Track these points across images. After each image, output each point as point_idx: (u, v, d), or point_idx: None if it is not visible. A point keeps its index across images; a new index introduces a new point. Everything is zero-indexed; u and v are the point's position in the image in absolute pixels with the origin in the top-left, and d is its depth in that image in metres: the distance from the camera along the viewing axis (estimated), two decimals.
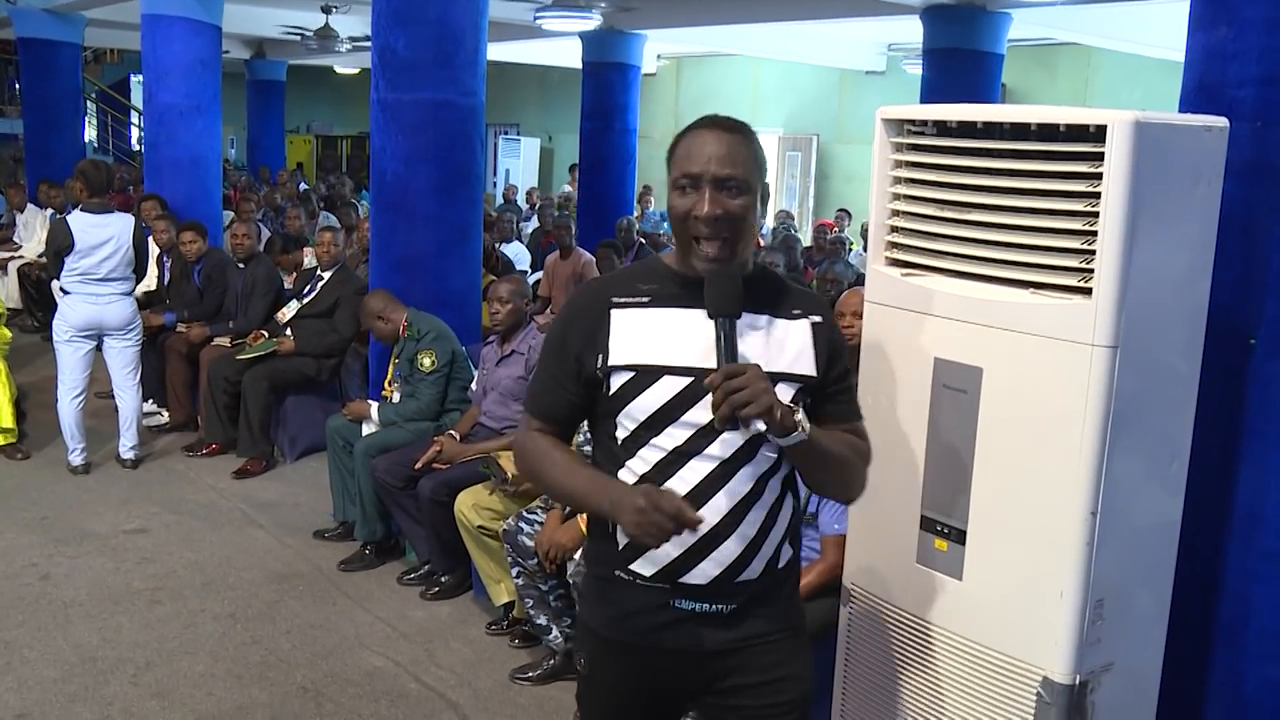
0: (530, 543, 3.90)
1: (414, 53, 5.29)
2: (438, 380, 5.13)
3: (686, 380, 1.93)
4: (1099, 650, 2.25)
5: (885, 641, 2.59)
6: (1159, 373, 2.25)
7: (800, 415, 1.90)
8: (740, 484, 1.96)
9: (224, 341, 6.84)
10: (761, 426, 1.86)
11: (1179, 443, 2.36)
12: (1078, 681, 2.23)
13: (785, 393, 1.95)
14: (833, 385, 2.04)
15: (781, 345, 1.99)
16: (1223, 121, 2.25)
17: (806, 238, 12.13)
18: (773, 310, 2.01)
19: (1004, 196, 2.30)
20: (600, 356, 1.98)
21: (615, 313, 1.99)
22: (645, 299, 1.99)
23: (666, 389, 1.94)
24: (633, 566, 2.00)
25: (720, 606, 2.00)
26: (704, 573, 1.97)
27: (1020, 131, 2.28)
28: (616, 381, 1.97)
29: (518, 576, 4.01)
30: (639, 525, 1.81)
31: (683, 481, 1.94)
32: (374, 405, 5.23)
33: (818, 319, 2.04)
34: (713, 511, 1.94)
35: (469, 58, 5.41)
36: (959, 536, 2.39)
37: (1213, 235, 2.29)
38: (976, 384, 2.33)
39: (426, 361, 5.10)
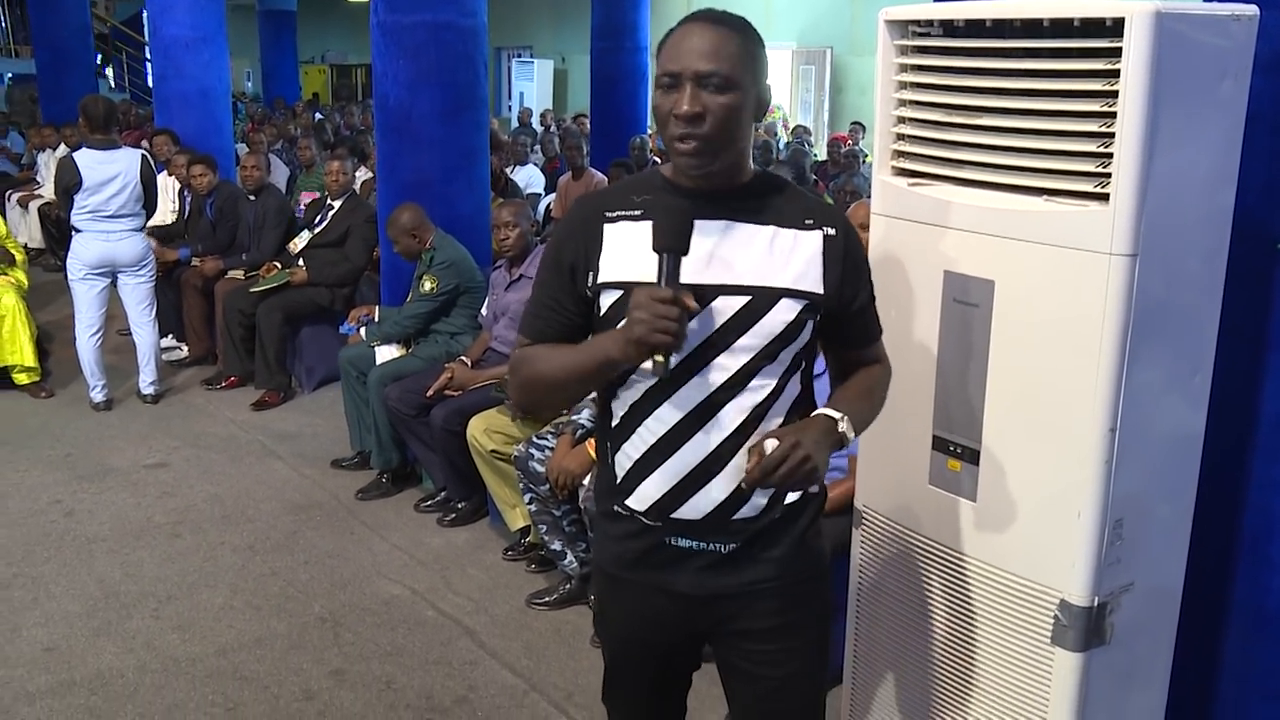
0: (541, 469, 3.81)
1: None
2: (426, 303, 5.02)
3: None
4: (1118, 571, 2.13)
5: (898, 565, 2.49)
6: (1180, 281, 2.10)
7: (843, 425, 1.79)
8: (733, 414, 1.81)
9: (238, 274, 6.74)
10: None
11: (1202, 354, 2.21)
12: (1096, 603, 2.11)
13: (789, 309, 1.80)
14: (849, 305, 1.88)
15: (786, 258, 1.81)
16: (1252, 9, 2.06)
17: (822, 152, 11.87)
18: (779, 220, 1.83)
19: (1016, 99, 2.12)
20: (591, 274, 1.83)
21: (608, 227, 1.84)
22: (638, 211, 1.83)
23: None
24: (628, 502, 1.88)
25: (718, 545, 1.87)
26: (695, 507, 1.84)
27: (1032, 28, 2.10)
28: (606, 300, 1.82)
29: (530, 503, 3.93)
30: (647, 326, 1.64)
31: (674, 410, 1.81)
32: (363, 329, 5.17)
33: (831, 231, 1.85)
34: (703, 443, 1.82)
35: None
36: (972, 456, 2.27)
37: (1239, 134, 2.11)
38: (989, 297, 2.19)
39: (427, 285, 5.00)
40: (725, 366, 1.79)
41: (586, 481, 3.64)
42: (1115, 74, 1.95)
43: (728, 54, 1.73)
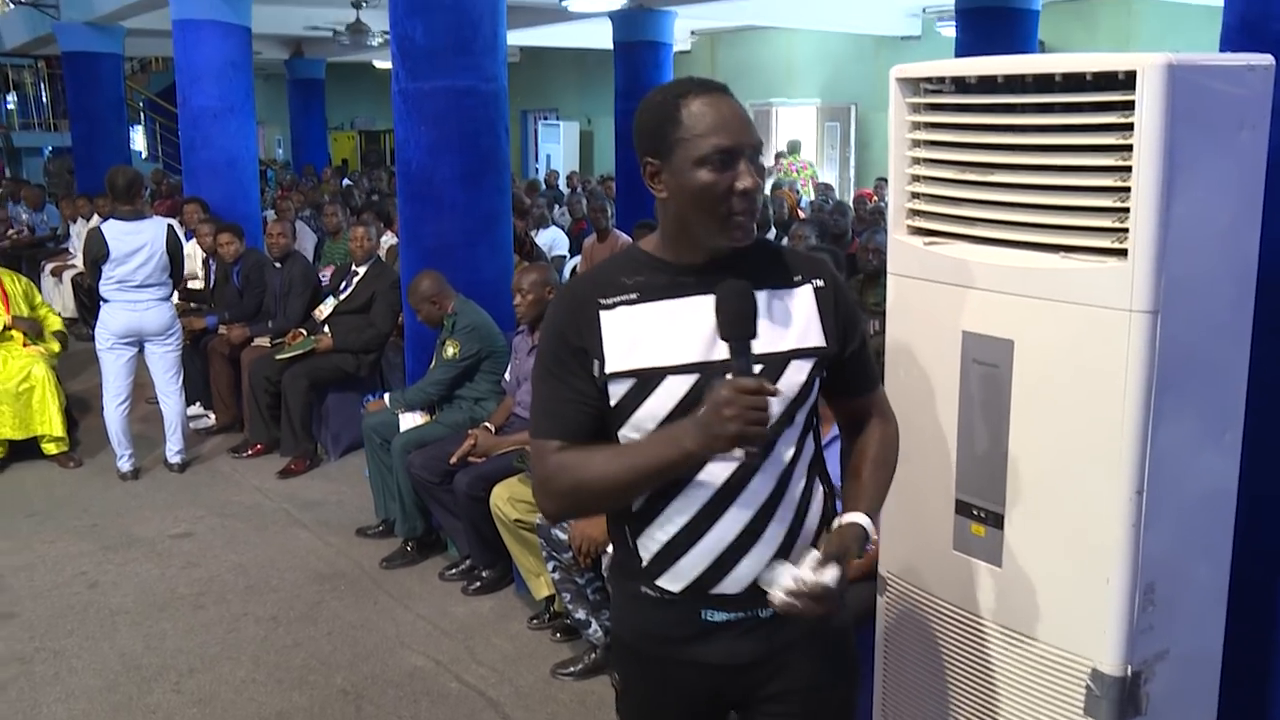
0: (564, 536, 3.77)
1: (432, 40, 5.16)
2: (449, 369, 5.02)
3: (692, 378, 1.73)
4: (1152, 638, 2.07)
5: (924, 632, 2.42)
6: (1206, 335, 2.05)
7: (865, 526, 1.80)
8: (762, 484, 1.78)
9: (264, 341, 6.79)
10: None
11: (1231, 408, 2.16)
12: (1129, 672, 2.05)
13: (800, 370, 1.78)
14: (847, 350, 1.86)
15: (787, 319, 1.79)
16: (1267, 59, 2.03)
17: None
18: (768, 282, 1.80)
19: (1030, 155, 2.10)
20: (596, 364, 1.77)
21: (605, 315, 1.77)
22: (633, 295, 1.78)
23: (672, 391, 1.74)
24: (659, 583, 1.83)
25: (755, 611, 1.83)
26: (734, 582, 1.80)
27: (1045, 83, 2.08)
28: (617, 391, 1.76)
29: (554, 570, 3.88)
30: (741, 421, 1.59)
31: (701, 489, 1.77)
32: (387, 396, 5.17)
33: (820, 282, 1.84)
34: (738, 517, 1.78)
35: (488, 43, 5.27)
36: (996, 521, 2.22)
37: (1260, 183, 2.08)
38: (1008, 357, 2.15)
39: (449, 351, 5.01)
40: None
41: (610, 549, 3.60)
42: (1129, 127, 1.92)
43: (751, 125, 1.75)
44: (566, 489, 1.77)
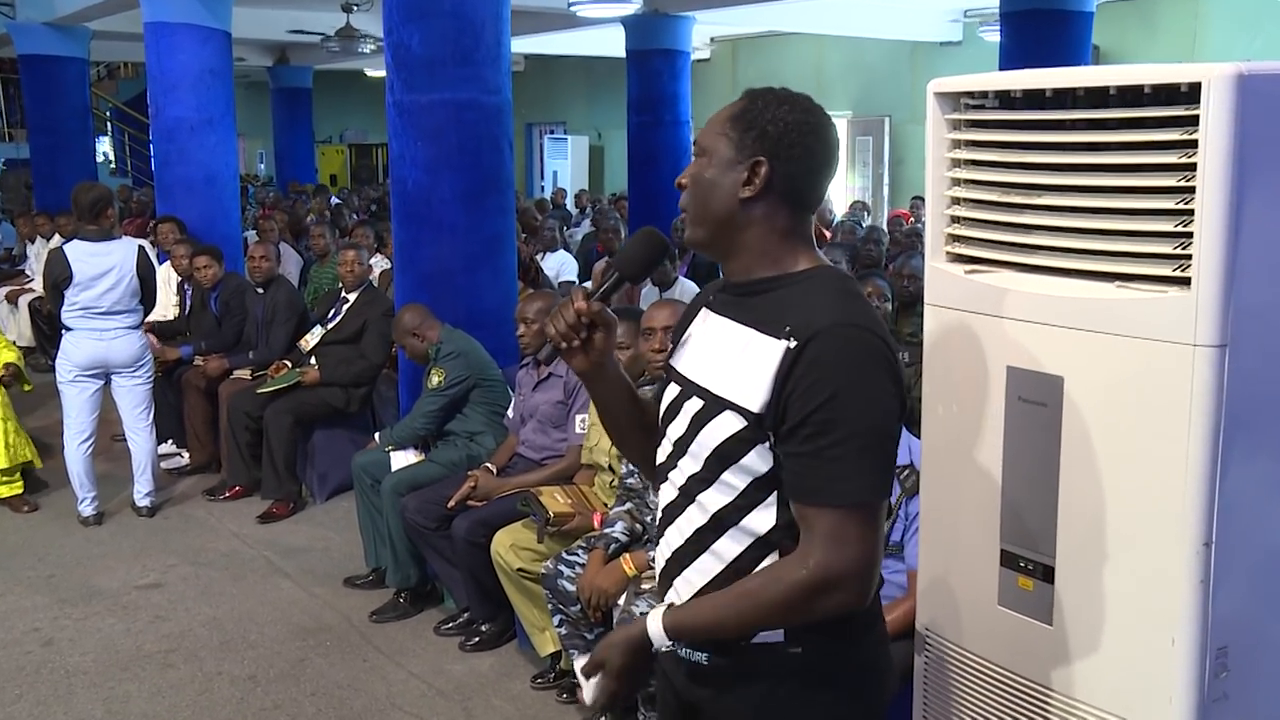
0: (572, 588, 3.77)
1: (430, 49, 5.21)
2: (436, 399, 5.05)
3: (676, 390, 1.87)
4: (1225, 708, 2.05)
5: (967, 696, 2.41)
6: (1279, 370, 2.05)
7: (649, 632, 1.82)
8: (690, 519, 1.84)
9: (244, 373, 6.82)
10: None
11: None
12: None
13: (726, 425, 1.75)
14: (793, 436, 1.68)
15: (736, 364, 1.76)
16: None
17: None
18: (762, 323, 1.76)
19: (1082, 175, 2.11)
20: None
21: (696, 319, 1.98)
22: (710, 298, 1.96)
23: (666, 396, 1.90)
24: None
25: (688, 653, 1.86)
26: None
27: (1098, 98, 2.10)
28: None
29: (560, 625, 3.88)
30: (551, 320, 1.87)
31: (658, 506, 1.93)
32: (377, 435, 5.19)
33: (793, 344, 1.68)
34: (667, 546, 1.89)
35: (491, 52, 5.33)
36: (1046, 574, 2.21)
37: None
38: (1058, 395, 2.15)
39: (435, 379, 5.03)
40: (679, 474, 1.85)
41: (621, 601, 3.60)
42: (1193, 144, 1.93)
43: (718, 121, 1.83)
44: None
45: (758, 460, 1.74)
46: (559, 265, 9.17)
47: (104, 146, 19.44)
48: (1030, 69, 2.22)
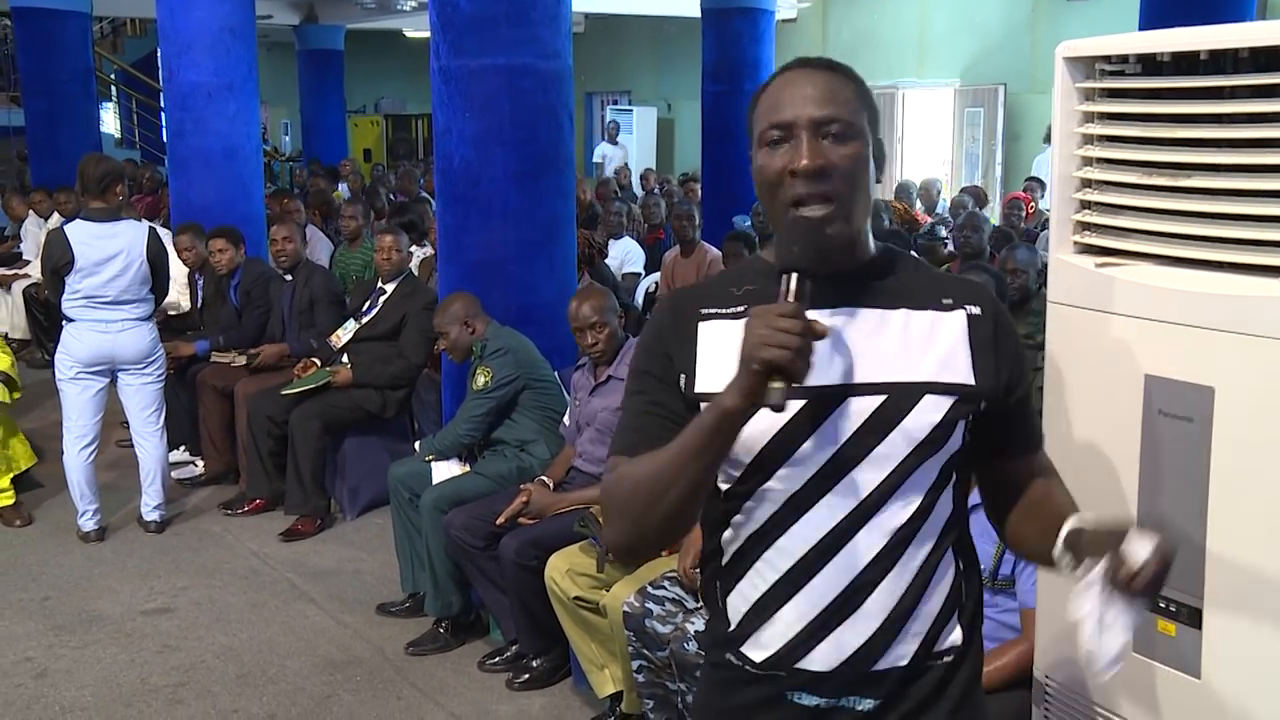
0: (663, 629, 3.78)
1: (480, 7, 5.25)
2: (482, 402, 5.08)
3: (798, 404, 1.78)
4: None
5: None
6: None
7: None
8: (868, 541, 1.81)
9: (225, 357, 6.98)
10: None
11: None
12: None
13: (936, 407, 1.80)
14: (1008, 397, 1.88)
15: (925, 345, 1.84)
16: None
17: (995, 214, 11.80)
18: (911, 301, 1.86)
19: (1241, 152, 2.10)
20: (684, 379, 1.86)
21: (703, 326, 1.88)
22: (740, 307, 1.85)
23: (772, 419, 1.76)
24: (743, 649, 1.89)
25: (851, 701, 1.86)
26: (825, 657, 1.84)
27: (1263, 59, 2.08)
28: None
29: (639, 671, 3.89)
30: (759, 340, 1.62)
31: (797, 540, 1.82)
32: (417, 445, 5.21)
33: (975, 310, 1.88)
34: (835, 578, 1.82)
35: (549, 10, 5.35)
36: (1192, 618, 2.20)
37: None
38: (1207, 409, 2.14)
39: (480, 380, 5.06)
40: (860, 483, 1.80)
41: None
42: None
43: (845, 98, 1.81)
44: (622, 500, 1.82)
45: (958, 437, 1.85)
46: (623, 255, 9.16)
47: (108, 115, 19.65)
48: (1180, 27, 2.20)
